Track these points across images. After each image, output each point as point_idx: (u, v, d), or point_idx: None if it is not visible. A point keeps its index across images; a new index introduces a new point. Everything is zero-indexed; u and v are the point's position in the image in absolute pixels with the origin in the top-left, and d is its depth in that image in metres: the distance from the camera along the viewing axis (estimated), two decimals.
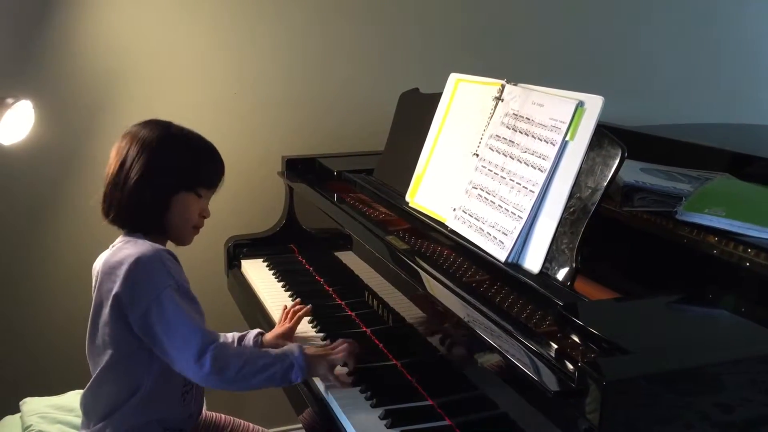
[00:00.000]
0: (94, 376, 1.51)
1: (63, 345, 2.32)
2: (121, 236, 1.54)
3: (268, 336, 1.72)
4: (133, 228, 1.53)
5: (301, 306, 1.81)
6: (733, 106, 2.96)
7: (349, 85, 2.57)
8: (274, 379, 1.45)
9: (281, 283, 2.06)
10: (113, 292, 1.43)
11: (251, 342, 1.70)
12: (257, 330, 1.74)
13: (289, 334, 1.73)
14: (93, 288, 1.52)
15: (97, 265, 1.53)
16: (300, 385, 1.55)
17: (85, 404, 1.55)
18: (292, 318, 1.76)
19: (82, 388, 1.56)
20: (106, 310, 1.45)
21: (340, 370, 1.52)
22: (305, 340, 1.74)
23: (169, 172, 1.51)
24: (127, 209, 1.49)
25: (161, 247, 1.50)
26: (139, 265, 1.43)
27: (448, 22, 2.64)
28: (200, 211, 1.56)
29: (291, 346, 1.51)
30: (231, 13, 2.41)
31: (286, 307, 1.82)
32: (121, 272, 1.43)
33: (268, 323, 1.88)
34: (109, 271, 1.46)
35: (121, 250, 1.48)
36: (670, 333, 1.15)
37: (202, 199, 1.56)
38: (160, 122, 1.56)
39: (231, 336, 1.72)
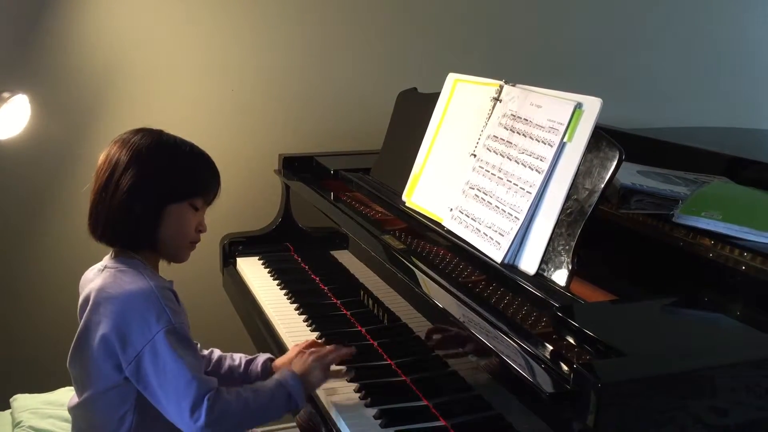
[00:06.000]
0: (80, 400, 1.44)
1: (55, 342, 2.30)
2: (110, 256, 1.46)
3: (279, 362, 1.61)
4: (123, 245, 1.44)
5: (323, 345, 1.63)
6: (732, 110, 2.96)
7: (347, 83, 2.57)
8: (277, 414, 1.41)
9: (276, 281, 2.06)
10: (100, 333, 1.35)
11: (259, 368, 1.61)
12: (267, 355, 1.64)
13: None
14: (79, 307, 1.44)
15: (85, 284, 1.45)
16: None
17: (77, 426, 1.49)
18: (311, 346, 1.60)
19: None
20: (93, 345, 1.37)
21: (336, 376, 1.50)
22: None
23: (162, 182, 1.42)
24: (117, 224, 1.40)
25: (161, 282, 1.41)
26: (132, 303, 1.35)
27: (447, 21, 2.64)
28: (197, 225, 1.47)
29: (284, 375, 1.44)
30: (229, 10, 2.41)
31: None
32: (112, 311, 1.35)
33: (262, 321, 1.87)
34: (97, 302, 1.38)
35: (114, 281, 1.39)
36: (665, 336, 1.15)
37: (199, 212, 1.47)
38: (151, 130, 1.47)
39: (239, 359, 1.63)
